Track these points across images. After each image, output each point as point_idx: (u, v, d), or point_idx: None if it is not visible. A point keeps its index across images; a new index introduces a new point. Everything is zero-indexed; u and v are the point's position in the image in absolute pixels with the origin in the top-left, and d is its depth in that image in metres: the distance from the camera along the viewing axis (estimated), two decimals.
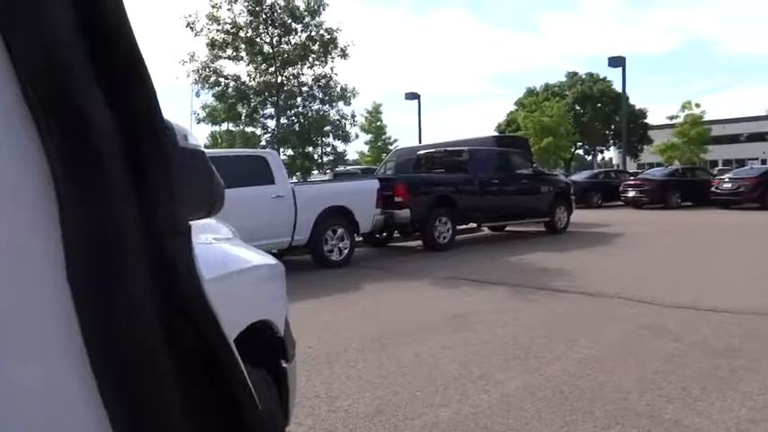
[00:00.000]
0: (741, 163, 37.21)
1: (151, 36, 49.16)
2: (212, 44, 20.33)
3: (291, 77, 21.86)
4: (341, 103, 23.14)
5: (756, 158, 41.25)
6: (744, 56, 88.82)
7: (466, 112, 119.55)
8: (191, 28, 19.98)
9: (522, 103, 46.05)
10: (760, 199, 18.20)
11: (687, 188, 20.33)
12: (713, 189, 19.42)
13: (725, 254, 9.06)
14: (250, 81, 21.51)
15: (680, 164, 31.78)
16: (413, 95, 38.06)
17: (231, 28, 20.41)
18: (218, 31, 20.31)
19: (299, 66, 21.59)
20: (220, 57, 20.85)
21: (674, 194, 19.97)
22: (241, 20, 20.54)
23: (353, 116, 24.18)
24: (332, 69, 22.03)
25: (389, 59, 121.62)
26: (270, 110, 22.67)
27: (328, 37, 21.26)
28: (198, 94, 21.87)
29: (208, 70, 20.78)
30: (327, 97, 22.71)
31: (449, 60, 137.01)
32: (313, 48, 21.39)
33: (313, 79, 22.20)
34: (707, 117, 38.60)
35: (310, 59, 21.53)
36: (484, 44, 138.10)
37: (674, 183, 20.52)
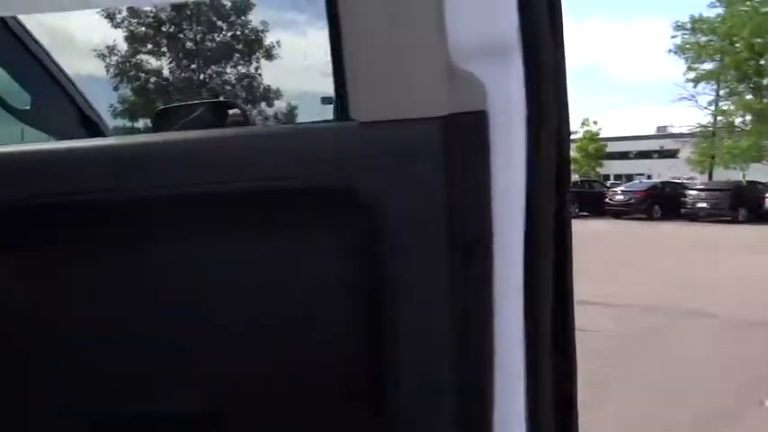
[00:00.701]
0: (630, 178, 40.45)
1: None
2: (132, 37, 19.77)
3: (215, 75, 21.67)
4: (263, 104, 23.17)
5: (643, 174, 44.83)
6: (634, 81, 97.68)
7: None
8: (110, 19, 19.35)
9: None
10: (647, 210, 20.16)
11: (584, 199, 22.13)
12: (607, 200, 21.27)
13: (620, 259, 10.18)
14: (171, 78, 21.12)
15: (579, 176, 34.27)
16: None
17: (153, 22, 19.99)
18: (138, 24, 19.77)
19: (222, 64, 21.44)
20: (141, 51, 20.29)
21: (572, 204, 21.58)
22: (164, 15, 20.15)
23: (277, 117, 24.19)
24: (256, 70, 22.07)
25: None
26: None
27: (253, 37, 21.26)
28: (116, 89, 21.10)
29: (128, 65, 20.16)
30: (251, 97, 22.62)
31: None
32: (237, 47, 21.33)
33: (236, 79, 22.13)
34: (602, 134, 41.74)
35: (234, 59, 21.46)
36: None
37: (573, 194, 22.23)
